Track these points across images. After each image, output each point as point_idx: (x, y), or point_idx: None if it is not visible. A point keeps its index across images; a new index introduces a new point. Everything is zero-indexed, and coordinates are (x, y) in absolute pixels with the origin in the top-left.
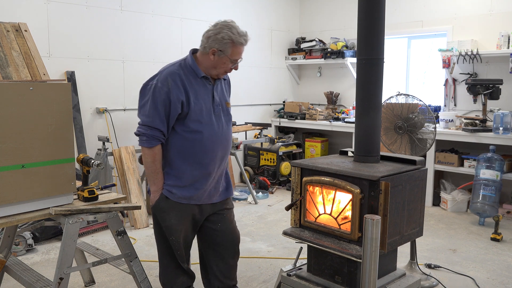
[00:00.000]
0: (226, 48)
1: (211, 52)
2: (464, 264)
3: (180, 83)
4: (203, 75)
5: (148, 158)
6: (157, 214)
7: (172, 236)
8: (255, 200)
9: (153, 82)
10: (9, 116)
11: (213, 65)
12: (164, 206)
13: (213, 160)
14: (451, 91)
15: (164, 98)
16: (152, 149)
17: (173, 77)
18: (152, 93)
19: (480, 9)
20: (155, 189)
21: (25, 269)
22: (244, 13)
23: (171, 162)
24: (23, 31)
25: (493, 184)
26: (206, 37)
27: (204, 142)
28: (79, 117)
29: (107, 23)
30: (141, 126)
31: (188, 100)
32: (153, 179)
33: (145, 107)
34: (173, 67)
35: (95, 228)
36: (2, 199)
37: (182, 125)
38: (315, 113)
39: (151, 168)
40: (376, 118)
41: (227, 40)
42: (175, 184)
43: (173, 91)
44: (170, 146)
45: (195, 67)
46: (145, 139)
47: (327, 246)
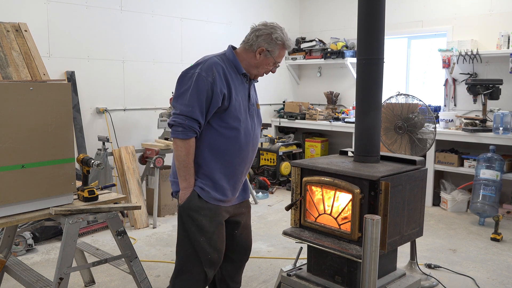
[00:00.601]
0: (275, 49)
1: (258, 51)
2: (464, 264)
3: (223, 75)
4: (243, 72)
5: (182, 151)
6: (188, 213)
7: (203, 237)
8: (255, 200)
9: (195, 71)
10: (9, 116)
11: (256, 64)
12: (197, 205)
13: (244, 160)
14: (451, 91)
15: (208, 89)
16: (187, 141)
17: (218, 68)
18: (195, 81)
19: (480, 9)
20: (185, 185)
21: (25, 269)
22: (244, 13)
23: (202, 159)
24: (23, 31)
25: (493, 184)
26: (256, 35)
27: (240, 141)
28: (79, 117)
29: (107, 23)
30: (177, 115)
31: (230, 95)
32: (184, 174)
33: (185, 95)
34: (216, 58)
35: (95, 228)
36: (2, 199)
37: (220, 120)
38: (315, 113)
39: (184, 162)
40: (376, 118)
41: (280, 42)
42: (206, 183)
43: (217, 82)
44: (202, 142)
45: (237, 63)
46: (181, 130)
47: (327, 246)
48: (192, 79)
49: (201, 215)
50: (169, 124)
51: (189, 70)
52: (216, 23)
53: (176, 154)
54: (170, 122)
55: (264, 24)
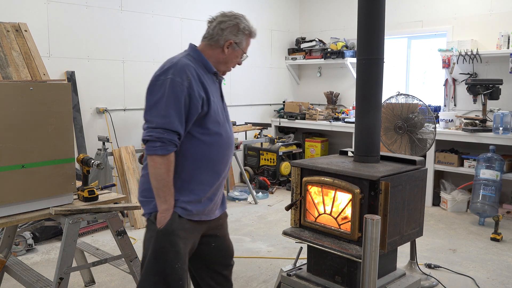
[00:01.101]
0: (242, 40)
1: (226, 45)
2: (464, 264)
3: (197, 77)
4: (214, 71)
5: (162, 168)
6: (169, 238)
7: (178, 263)
8: (255, 200)
9: (167, 77)
10: (9, 116)
11: (225, 60)
12: (177, 227)
13: (226, 165)
14: (451, 91)
15: (185, 95)
16: (167, 156)
17: (191, 70)
18: (169, 88)
19: (480, 9)
20: (166, 207)
21: (25, 269)
22: (244, 13)
23: (186, 174)
24: (23, 31)
25: (493, 184)
26: (220, 29)
27: (223, 146)
28: (79, 117)
29: (107, 23)
30: (153, 129)
31: (208, 98)
32: (164, 195)
33: (159, 105)
34: (185, 59)
35: (95, 228)
36: (2, 199)
37: (200, 127)
38: (315, 113)
39: (164, 181)
40: (376, 118)
41: (247, 32)
42: (190, 200)
43: (194, 86)
44: (184, 154)
45: (206, 62)
46: (159, 145)
47: (327, 246)
48: (165, 86)
49: (180, 238)
50: (144, 140)
51: (159, 77)
52: None
53: (153, 172)
54: (145, 137)
55: (224, 15)
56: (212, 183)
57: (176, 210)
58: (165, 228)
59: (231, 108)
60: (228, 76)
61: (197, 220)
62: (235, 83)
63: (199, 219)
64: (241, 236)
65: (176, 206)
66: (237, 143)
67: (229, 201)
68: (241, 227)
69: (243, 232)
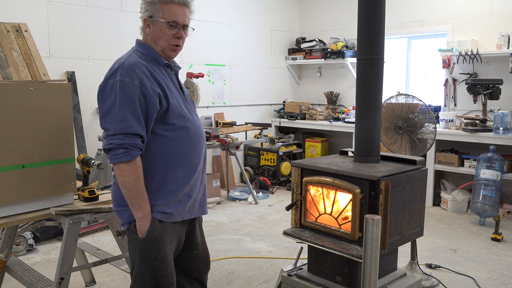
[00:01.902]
0: (156, 11)
1: (145, 25)
2: (464, 264)
3: (149, 73)
4: (165, 63)
5: (131, 175)
6: (151, 246)
7: (167, 269)
8: (256, 200)
9: (116, 79)
10: (9, 116)
11: (153, 39)
12: (160, 233)
13: (200, 158)
14: (451, 91)
15: (138, 95)
16: (133, 162)
17: (140, 67)
18: (120, 90)
19: (480, 9)
20: (142, 214)
21: (26, 269)
22: (244, 13)
23: (159, 174)
24: (23, 31)
25: (494, 184)
26: (140, 13)
27: (192, 139)
28: (79, 117)
29: (107, 23)
30: (113, 136)
31: (164, 92)
32: (138, 202)
33: (113, 110)
34: (132, 58)
35: (96, 228)
36: (3, 199)
37: (164, 124)
38: (315, 113)
39: (135, 188)
40: (376, 118)
41: (156, 0)
42: (168, 201)
43: (146, 84)
44: (154, 155)
45: (154, 54)
46: (123, 151)
47: (328, 246)
48: (115, 89)
49: (164, 243)
50: (105, 150)
51: (108, 81)
52: (216, 23)
53: (122, 181)
54: (106, 146)
55: None
56: (188, 179)
57: (155, 215)
58: (147, 236)
59: (232, 108)
60: (228, 76)
61: (180, 221)
62: (235, 83)
63: (181, 219)
64: (242, 236)
65: (154, 211)
66: (238, 143)
67: (230, 201)
68: (242, 227)
69: (243, 232)
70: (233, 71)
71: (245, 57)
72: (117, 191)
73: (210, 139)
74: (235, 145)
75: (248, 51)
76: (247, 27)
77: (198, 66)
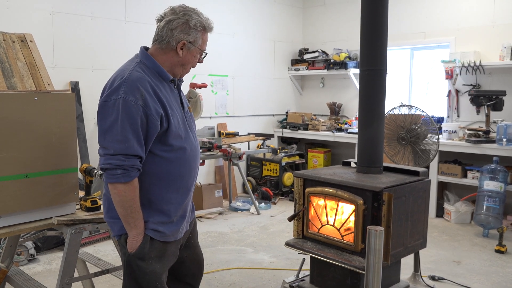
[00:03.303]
0: (197, 38)
1: (179, 47)
2: (468, 276)
3: (153, 92)
4: (171, 79)
5: (128, 195)
6: (140, 262)
7: (157, 283)
8: (258, 210)
9: (119, 96)
10: (13, 125)
11: (180, 62)
12: (149, 251)
13: (194, 179)
14: (454, 102)
15: (141, 115)
16: (131, 183)
17: (144, 84)
18: (122, 109)
19: (483, 21)
20: (136, 232)
21: (27, 279)
22: (247, 24)
23: (153, 194)
24: (29, 41)
25: (497, 195)
26: (169, 29)
27: (188, 160)
28: (82, 127)
29: (111, 33)
30: (112, 156)
31: (166, 112)
32: (133, 221)
33: (114, 129)
34: (136, 72)
35: (97, 238)
36: (5, 208)
37: (161, 145)
38: (318, 123)
39: (131, 207)
40: (379, 129)
41: (200, 28)
42: (161, 220)
43: (149, 104)
44: (148, 175)
45: (160, 70)
46: (121, 172)
47: (330, 258)
48: (117, 107)
49: (153, 258)
50: (102, 169)
51: (110, 97)
52: (220, 34)
53: (119, 200)
54: (103, 166)
55: (173, 12)
56: (182, 200)
57: (147, 232)
58: (137, 252)
59: (234, 118)
60: (232, 86)
61: (172, 241)
62: (238, 93)
63: (174, 239)
64: (244, 247)
65: (146, 228)
66: (240, 154)
67: (232, 211)
68: (244, 237)
69: (245, 243)
70: (236, 81)
71: (248, 68)
72: (109, 203)
73: (212, 149)
74: (238, 155)
75: (251, 61)
76: (251, 38)
77: (201, 77)
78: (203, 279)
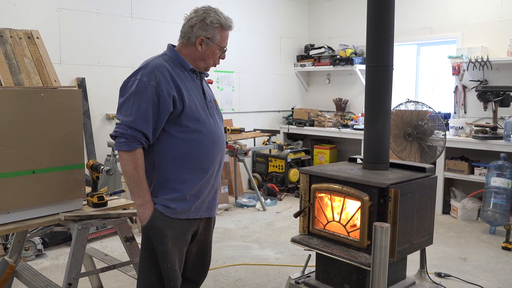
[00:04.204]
0: (215, 35)
1: (198, 42)
2: (474, 273)
3: (169, 76)
4: (191, 68)
5: (129, 164)
6: (152, 236)
7: (167, 263)
8: (264, 207)
9: (136, 78)
10: (20, 122)
11: (201, 57)
12: (161, 225)
13: (213, 163)
14: (461, 98)
15: (152, 95)
16: (133, 153)
17: (161, 69)
18: (135, 89)
19: (490, 16)
20: (141, 202)
21: (34, 274)
22: (253, 20)
23: (167, 172)
24: (35, 38)
25: (504, 192)
26: (189, 26)
27: (205, 143)
28: (89, 123)
29: (117, 30)
30: (118, 126)
31: (181, 96)
32: (136, 190)
33: (126, 105)
34: (158, 60)
35: (104, 234)
36: (13, 204)
37: (177, 125)
38: (323, 120)
39: (133, 177)
40: (385, 125)
41: (216, 25)
42: (174, 197)
43: (162, 85)
44: (163, 153)
45: (181, 60)
46: (123, 141)
47: (336, 254)
48: (133, 87)
49: (167, 236)
50: (112, 136)
51: (130, 78)
52: None
53: (123, 169)
54: (112, 133)
55: (195, 11)
56: (197, 181)
57: (157, 207)
58: (148, 225)
59: (240, 114)
60: (237, 82)
61: (184, 218)
62: (244, 89)
63: (186, 217)
64: (249, 243)
65: (157, 203)
66: (246, 150)
67: (237, 207)
68: (249, 234)
69: (251, 239)
70: (241, 77)
71: (254, 64)
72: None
73: None
74: (244, 152)
75: (257, 57)
76: (256, 34)
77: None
78: (209, 274)
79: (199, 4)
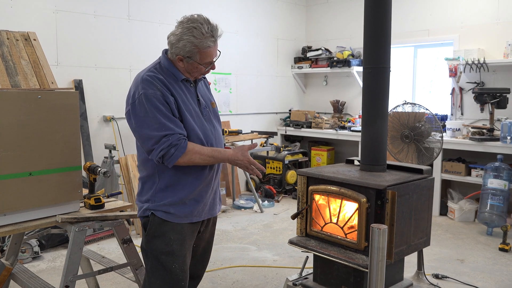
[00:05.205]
0: (193, 54)
1: (178, 59)
2: (472, 275)
3: (164, 86)
4: (183, 78)
5: (196, 158)
6: (157, 241)
7: (175, 264)
8: (261, 208)
9: (140, 93)
10: (17, 124)
11: (186, 70)
12: (164, 230)
13: (212, 167)
14: (458, 100)
15: (162, 102)
16: (187, 151)
17: (156, 80)
18: (147, 102)
19: (487, 18)
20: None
21: (31, 277)
22: (250, 22)
23: (165, 177)
24: (32, 40)
25: (501, 193)
26: (169, 43)
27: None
28: (86, 125)
29: (115, 32)
30: (158, 144)
31: (178, 104)
32: (220, 159)
33: (147, 121)
34: (150, 72)
35: (101, 236)
36: (9, 206)
37: None
38: (321, 121)
39: (207, 157)
40: (382, 127)
41: (192, 48)
42: (173, 202)
43: (164, 93)
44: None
45: (174, 70)
46: (174, 150)
47: (333, 256)
48: (142, 102)
49: (170, 240)
50: (160, 158)
51: (134, 96)
52: (223, 32)
53: (196, 163)
54: (159, 155)
55: (177, 26)
56: (195, 185)
57: (157, 214)
58: (152, 232)
59: (237, 116)
60: (235, 84)
61: (187, 223)
62: (241, 91)
63: (189, 221)
64: (247, 245)
65: (157, 210)
66: None
67: (235, 209)
68: (247, 235)
69: (248, 241)
70: (239, 79)
71: (251, 66)
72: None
73: None
74: None
75: (254, 59)
76: (254, 36)
77: None
78: (207, 276)
79: (196, 6)
